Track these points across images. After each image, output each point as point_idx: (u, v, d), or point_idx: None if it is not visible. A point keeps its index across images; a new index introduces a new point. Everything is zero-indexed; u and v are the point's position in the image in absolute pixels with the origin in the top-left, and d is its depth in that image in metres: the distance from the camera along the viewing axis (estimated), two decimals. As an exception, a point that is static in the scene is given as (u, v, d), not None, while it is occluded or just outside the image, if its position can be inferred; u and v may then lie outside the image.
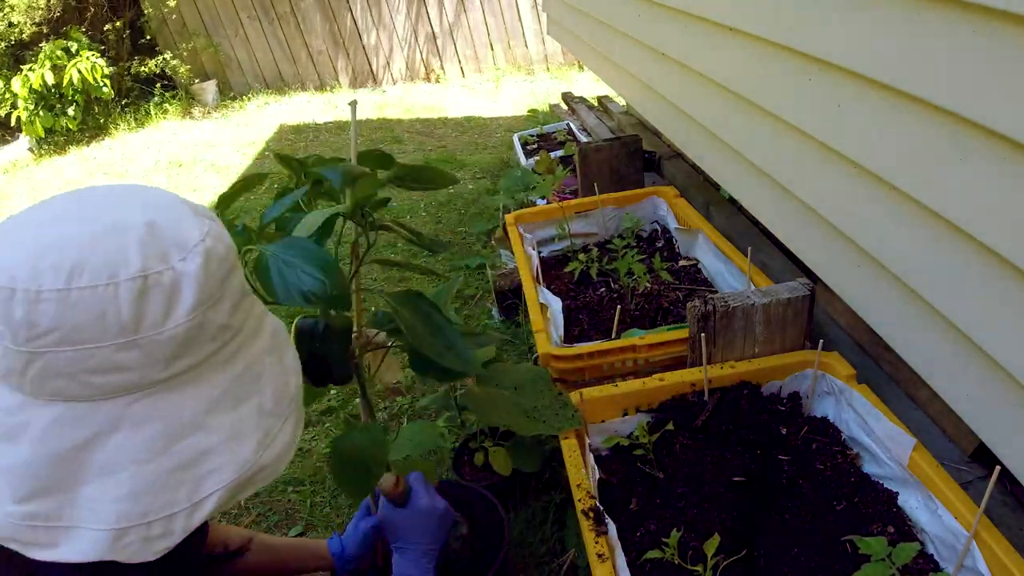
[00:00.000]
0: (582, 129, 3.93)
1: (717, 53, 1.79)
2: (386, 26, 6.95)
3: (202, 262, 0.61)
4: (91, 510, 0.59)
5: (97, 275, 0.56)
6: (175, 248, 0.61)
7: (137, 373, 0.59)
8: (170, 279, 0.59)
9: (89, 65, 5.97)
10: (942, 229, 1.07)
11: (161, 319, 0.59)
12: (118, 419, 0.59)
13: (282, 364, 0.72)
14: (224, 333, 0.64)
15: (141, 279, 0.58)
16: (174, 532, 0.61)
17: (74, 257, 0.57)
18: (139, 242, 0.59)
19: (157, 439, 0.60)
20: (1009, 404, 1.01)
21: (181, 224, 0.63)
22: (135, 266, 0.58)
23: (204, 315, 0.61)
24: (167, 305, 0.59)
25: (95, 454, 0.59)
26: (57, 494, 0.59)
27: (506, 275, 2.58)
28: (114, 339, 0.57)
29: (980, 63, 0.91)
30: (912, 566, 1.10)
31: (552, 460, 1.76)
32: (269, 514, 1.95)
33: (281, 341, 0.75)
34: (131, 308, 0.57)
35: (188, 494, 0.61)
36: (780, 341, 1.48)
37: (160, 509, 0.60)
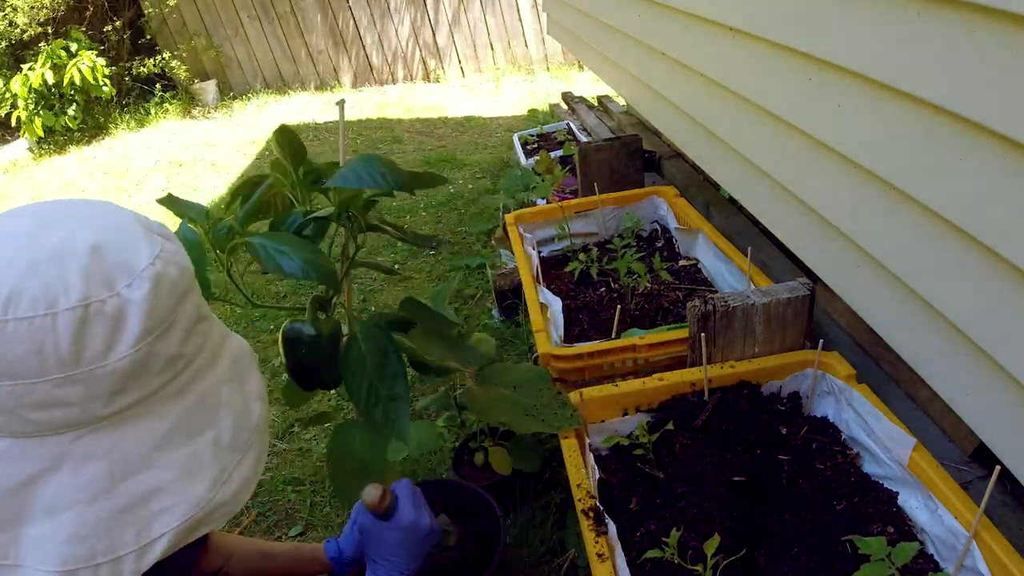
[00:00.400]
0: (582, 129, 3.93)
1: (717, 53, 1.79)
2: (386, 26, 6.95)
3: (150, 287, 0.57)
4: (37, 549, 0.55)
5: (35, 305, 0.52)
6: (121, 273, 0.56)
7: (78, 409, 0.55)
8: (114, 307, 0.55)
9: (89, 65, 5.97)
10: (942, 229, 1.07)
11: (103, 352, 0.55)
12: (61, 456, 0.56)
13: (243, 392, 0.68)
14: (175, 364, 0.60)
15: (82, 308, 0.54)
16: (123, 574, 0.57)
17: (11, 284, 0.53)
18: (81, 267, 0.55)
19: (101, 478, 0.56)
20: (1009, 404, 1.01)
21: (130, 246, 0.58)
22: (76, 294, 0.53)
23: (151, 346, 0.57)
24: (110, 336, 0.55)
25: (38, 493, 0.55)
26: (3, 532, 0.55)
27: (506, 275, 2.58)
28: (53, 374, 0.53)
29: (980, 63, 0.91)
30: (912, 566, 1.09)
31: (552, 460, 1.76)
32: (269, 514, 1.95)
33: (243, 366, 0.70)
34: (70, 340, 0.53)
35: (136, 536, 0.57)
36: (780, 341, 1.48)
37: (107, 551, 0.56)
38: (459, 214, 3.76)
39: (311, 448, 2.17)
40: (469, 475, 1.71)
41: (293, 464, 2.10)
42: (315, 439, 2.20)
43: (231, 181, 4.88)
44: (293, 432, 2.26)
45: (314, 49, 7.05)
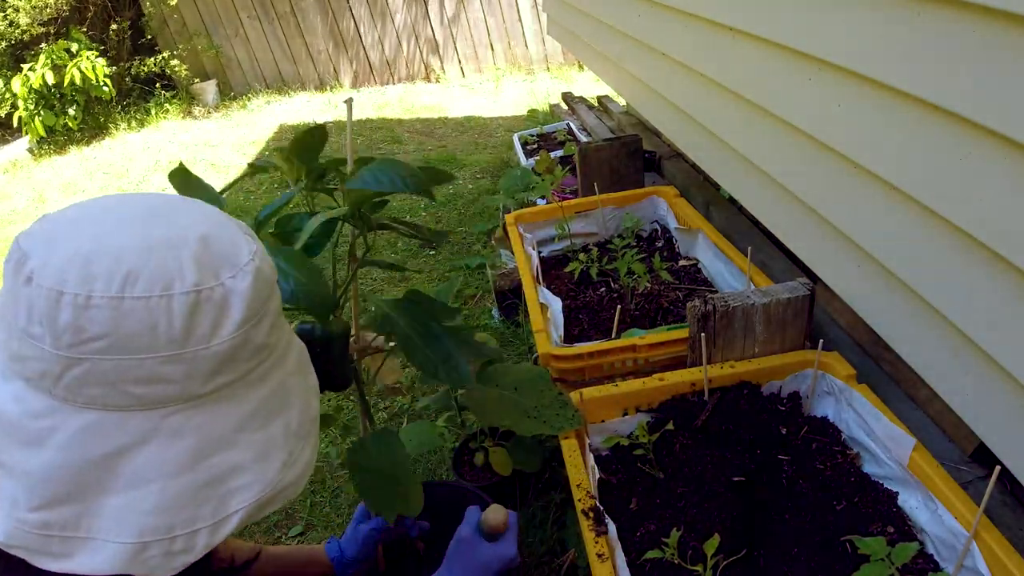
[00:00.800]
0: (582, 129, 3.93)
1: (717, 53, 1.79)
2: (386, 26, 6.95)
3: (252, 281, 0.61)
4: (115, 520, 0.57)
5: (151, 286, 0.56)
6: (227, 265, 0.61)
7: (179, 386, 0.58)
8: (220, 295, 0.59)
9: (89, 65, 5.97)
10: (942, 229, 1.07)
11: (209, 334, 0.58)
12: (151, 431, 0.58)
13: (306, 385, 0.72)
14: (262, 352, 0.64)
15: (195, 293, 0.57)
16: (195, 548, 0.60)
17: (129, 265, 0.56)
18: (193, 256, 0.59)
19: (188, 454, 0.59)
20: (1009, 404, 1.01)
21: (233, 241, 0.63)
22: (189, 280, 0.57)
23: (247, 333, 0.61)
24: (216, 321, 0.59)
25: (125, 465, 0.57)
26: (77, 503, 0.57)
27: (506, 275, 2.58)
28: (162, 351, 0.56)
29: (980, 63, 0.91)
30: (912, 566, 1.09)
31: (552, 460, 1.76)
32: (269, 514, 1.95)
33: (305, 363, 0.75)
34: (183, 321, 0.57)
35: (213, 510, 0.60)
36: (780, 341, 1.48)
37: (185, 524, 0.59)
38: (459, 214, 3.76)
39: (311, 448, 2.16)
40: (469, 475, 1.71)
41: (293, 464, 2.10)
42: (315, 439, 2.20)
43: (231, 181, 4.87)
44: (293, 432, 2.26)
45: (314, 49, 7.05)
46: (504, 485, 1.67)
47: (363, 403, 1.12)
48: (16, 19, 5.95)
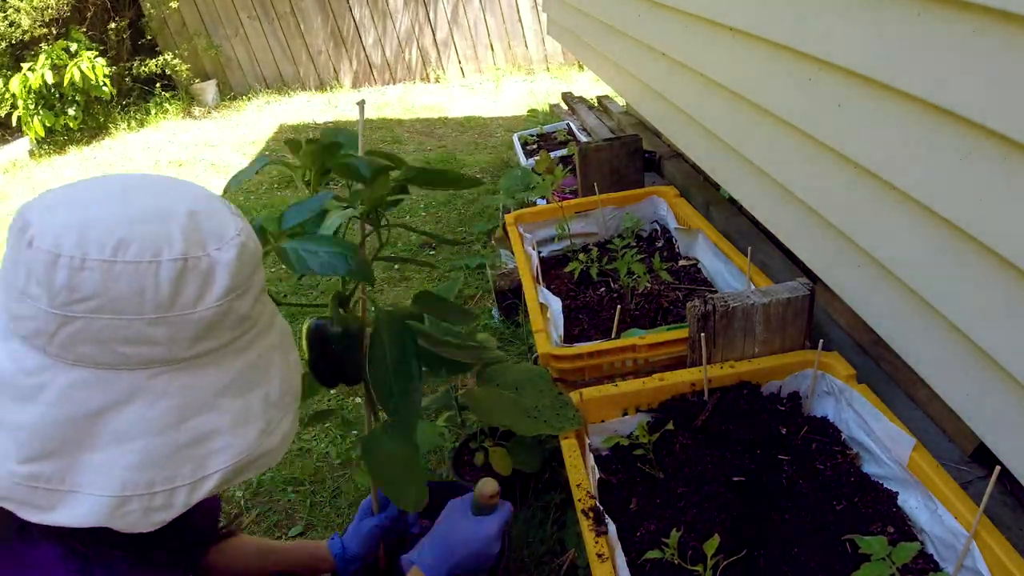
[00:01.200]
0: (582, 129, 3.93)
1: (717, 53, 1.79)
2: (386, 25, 6.95)
3: (236, 254, 0.65)
4: (99, 475, 0.60)
5: (142, 252, 0.60)
6: (213, 238, 0.64)
7: (164, 348, 0.62)
8: (207, 265, 0.63)
9: (89, 65, 5.97)
10: (942, 229, 1.07)
11: (194, 301, 0.62)
12: (138, 390, 0.61)
13: (288, 361, 0.75)
14: (245, 323, 0.68)
15: (182, 261, 0.61)
16: (174, 505, 0.63)
17: (121, 233, 0.60)
18: (182, 228, 0.63)
19: (171, 413, 0.62)
20: (1009, 404, 1.01)
21: (220, 217, 0.67)
22: (177, 249, 0.61)
23: (231, 303, 0.65)
24: (201, 289, 0.62)
25: (110, 422, 0.61)
26: (64, 457, 0.60)
27: (506, 275, 2.58)
28: (149, 313, 0.60)
29: (980, 63, 0.91)
30: (912, 566, 1.09)
31: (552, 460, 1.76)
32: (269, 514, 1.95)
33: (287, 341, 0.78)
34: (169, 287, 0.60)
35: (193, 470, 0.63)
36: (780, 341, 1.48)
37: (165, 481, 0.62)
38: (459, 214, 3.76)
39: (311, 448, 2.17)
40: (469, 475, 1.71)
41: (293, 464, 2.10)
42: (315, 439, 2.20)
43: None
44: (293, 432, 2.26)
45: (314, 49, 7.05)
46: (504, 485, 1.67)
47: (369, 399, 1.13)
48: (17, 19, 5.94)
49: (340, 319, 1.00)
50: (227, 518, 1.96)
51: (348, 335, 0.99)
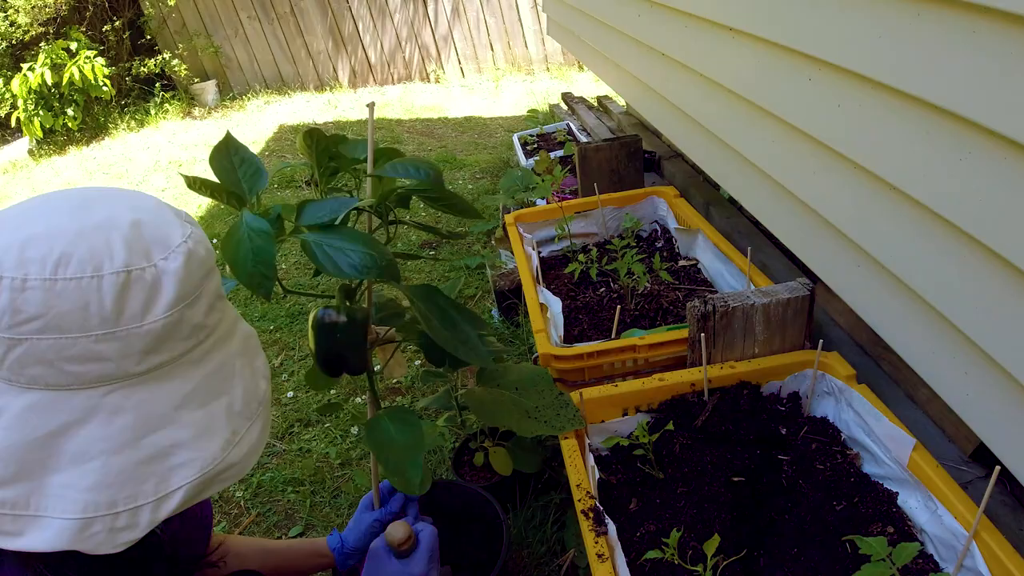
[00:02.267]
0: (582, 129, 3.93)
1: (717, 53, 1.79)
2: (386, 26, 6.95)
3: (183, 261, 0.63)
4: (60, 498, 0.59)
5: (83, 267, 0.58)
6: (158, 247, 0.63)
7: (114, 364, 0.60)
8: (152, 276, 0.61)
9: (89, 65, 5.96)
10: (941, 229, 1.07)
11: (141, 313, 0.60)
12: (92, 409, 0.60)
13: (252, 368, 0.74)
14: (199, 332, 0.66)
15: (124, 273, 0.60)
16: (139, 524, 0.61)
17: (61, 248, 0.58)
18: (124, 239, 0.61)
19: (128, 430, 0.61)
20: (1009, 404, 1.01)
21: (164, 225, 0.65)
22: (119, 260, 0.60)
23: (182, 313, 0.63)
24: (147, 300, 0.61)
25: (67, 443, 0.59)
26: (26, 481, 0.59)
27: (506, 275, 2.58)
28: (95, 329, 0.59)
29: (979, 63, 0.91)
30: (912, 566, 1.10)
31: (552, 460, 1.76)
32: (269, 514, 1.95)
33: (252, 346, 0.76)
34: (113, 301, 0.59)
35: (155, 487, 0.62)
36: (780, 341, 1.48)
37: (127, 500, 0.60)
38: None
39: (311, 448, 2.17)
40: (469, 475, 1.71)
41: (293, 464, 2.10)
42: (315, 439, 2.20)
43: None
44: (293, 432, 2.26)
45: (314, 49, 7.05)
46: (504, 485, 1.67)
47: (372, 391, 1.14)
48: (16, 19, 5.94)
49: (346, 309, 1.00)
50: (227, 519, 1.96)
51: (353, 324, 1.00)
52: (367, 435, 1.02)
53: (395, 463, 0.99)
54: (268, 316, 2.96)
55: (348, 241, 0.86)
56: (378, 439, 1.01)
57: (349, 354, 1.02)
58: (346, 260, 0.84)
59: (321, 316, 1.00)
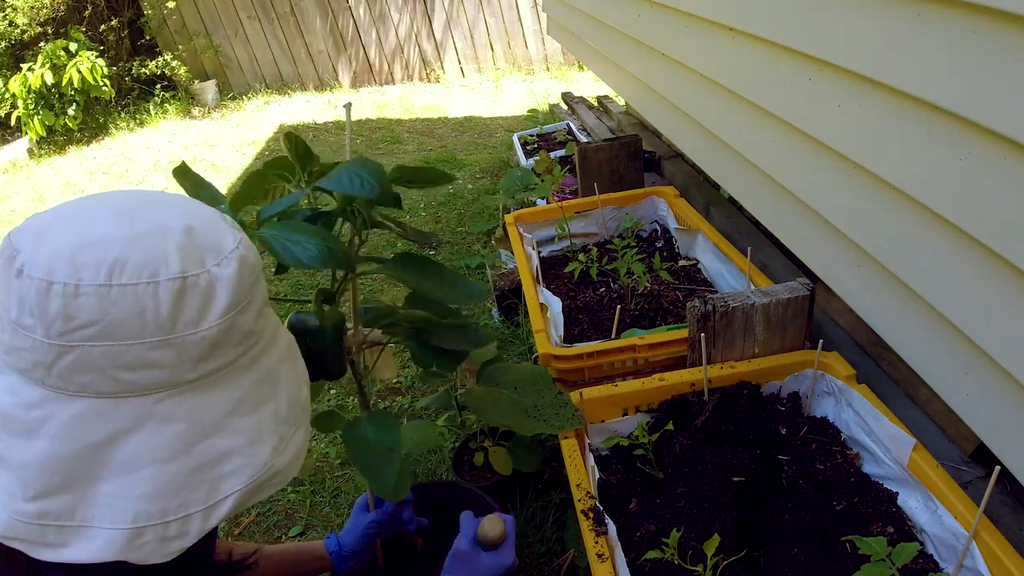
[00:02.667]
0: (582, 129, 3.93)
1: (717, 53, 1.79)
2: (386, 26, 6.95)
3: (236, 268, 0.63)
4: (109, 507, 0.58)
5: (138, 273, 0.58)
6: (212, 253, 0.62)
7: (168, 372, 0.59)
8: (206, 282, 0.61)
9: (89, 65, 5.96)
10: (941, 229, 1.07)
11: (196, 320, 0.60)
12: (143, 417, 0.59)
13: (295, 372, 0.74)
14: (249, 338, 0.66)
15: (180, 280, 0.59)
16: (190, 533, 0.61)
17: (115, 255, 0.58)
18: (178, 245, 0.60)
19: (180, 439, 0.60)
20: (1009, 404, 1.01)
21: (217, 231, 0.65)
22: (175, 267, 0.59)
23: (234, 319, 0.63)
24: (202, 306, 0.60)
25: (117, 451, 0.58)
26: (73, 491, 0.58)
27: (506, 275, 2.58)
28: (150, 336, 0.58)
29: (979, 63, 0.91)
30: (912, 566, 1.10)
31: (552, 460, 1.76)
32: (269, 514, 1.95)
33: (294, 351, 0.76)
34: (169, 307, 0.58)
35: (206, 495, 0.61)
36: (780, 341, 1.48)
37: (178, 509, 0.60)
38: (459, 214, 3.76)
39: (311, 448, 2.17)
40: (469, 475, 1.71)
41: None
42: (315, 439, 2.20)
43: (231, 181, 4.88)
44: (293, 432, 2.26)
45: (314, 49, 7.05)
46: (504, 485, 1.67)
47: (362, 395, 1.14)
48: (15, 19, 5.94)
49: (319, 314, 1.00)
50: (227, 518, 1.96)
51: (324, 330, 1.00)
52: (345, 438, 1.02)
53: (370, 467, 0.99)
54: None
55: (304, 235, 0.87)
56: (354, 442, 1.01)
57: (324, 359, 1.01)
58: (304, 252, 0.85)
59: (294, 322, 1.00)
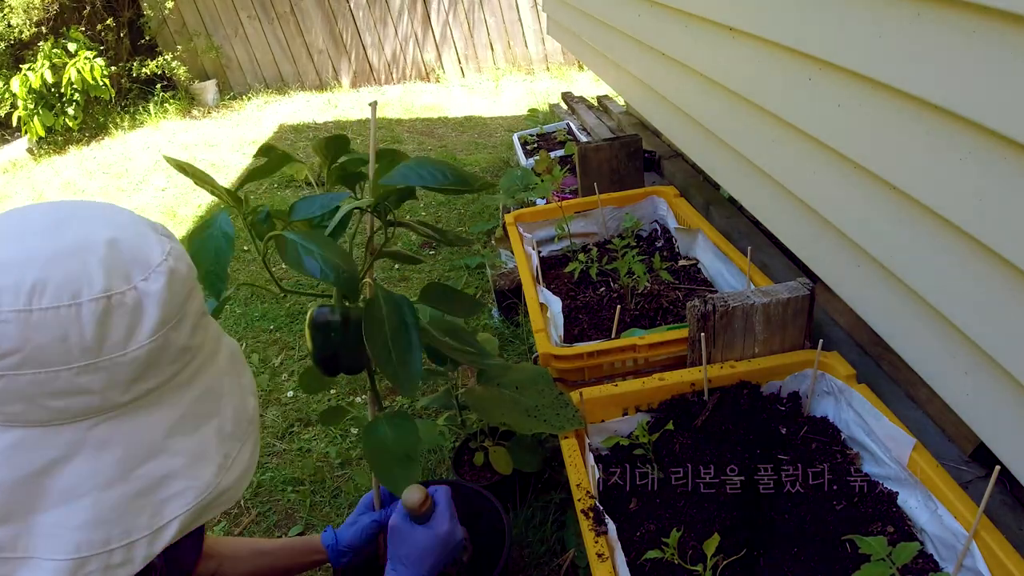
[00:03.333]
0: (582, 129, 3.93)
1: (717, 53, 1.79)
2: (386, 25, 6.95)
3: (165, 282, 0.60)
4: (51, 538, 0.56)
5: (59, 295, 0.54)
6: (138, 267, 0.59)
7: (99, 396, 0.57)
8: (133, 299, 0.58)
9: (88, 65, 5.96)
10: (942, 229, 1.07)
11: (124, 340, 0.57)
12: (78, 444, 0.57)
13: (240, 385, 0.71)
14: (185, 354, 0.63)
15: (105, 299, 0.56)
16: (135, 560, 0.59)
17: (35, 276, 0.54)
18: (101, 261, 0.57)
19: (118, 464, 0.58)
20: (1009, 404, 1.01)
21: (143, 243, 0.61)
22: (98, 286, 0.56)
23: (166, 336, 0.60)
24: (130, 326, 0.57)
25: (55, 480, 0.56)
26: (14, 522, 0.56)
27: (506, 275, 2.58)
28: (77, 361, 0.55)
29: (979, 63, 0.91)
30: (912, 566, 1.10)
31: (552, 460, 1.76)
32: (269, 514, 1.95)
33: (238, 362, 0.73)
34: (94, 329, 0.55)
35: (149, 520, 0.59)
36: (780, 341, 1.48)
37: (121, 536, 0.58)
38: (459, 214, 3.76)
39: (311, 448, 2.17)
40: (469, 475, 1.71)
41: (293, 464, 2.10)
42: (315, 439, 2.20)
43: (231, 180, 4.88)
44: (293, 432, 2.26)
45: (314, 49, 7.05)
46: (504, 485, 1.67)
47: (374, 392, 1.14)
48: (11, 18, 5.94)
49: (341, 308, 1.00)
50: (227, 518, 1.96)
51: (348, 323, 1.00)
52: (364, 438, 1.02)
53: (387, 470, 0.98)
54: (268, 316, 2.96)
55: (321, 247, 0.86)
56: (373, 443, 1.01)
57: (344, 353, 1.02)
58: (310, 262, 0.85)
59: (316, 315, 1.00)
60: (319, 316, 1.00)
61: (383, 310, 0.96)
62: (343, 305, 1.01)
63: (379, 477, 1.01)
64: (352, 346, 1.01)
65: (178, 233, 3.94)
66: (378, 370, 0.98)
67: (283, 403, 2.40)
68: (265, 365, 2.64)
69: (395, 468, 0.98)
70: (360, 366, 1.06)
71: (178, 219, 4.33)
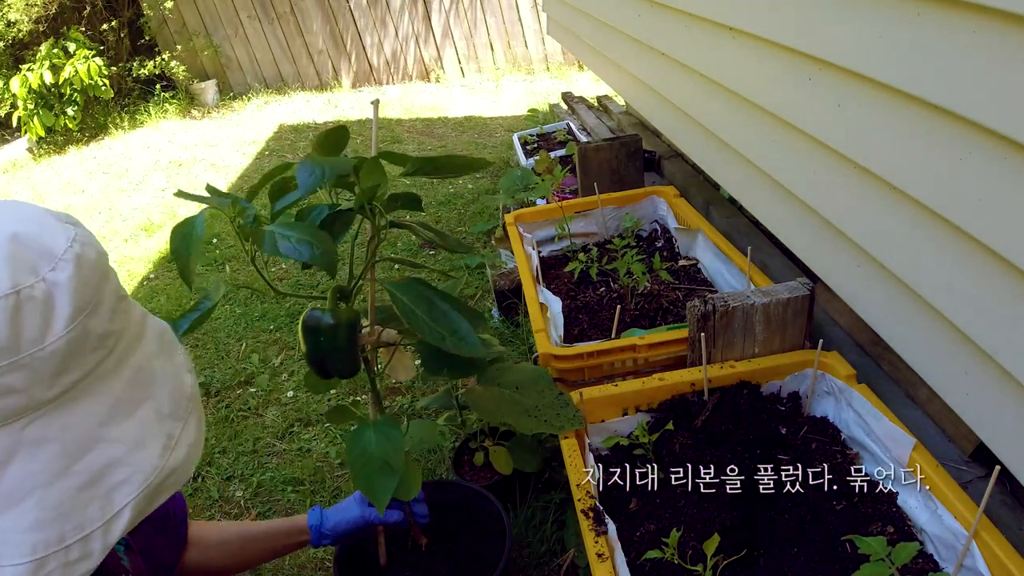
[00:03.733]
0: (582, 129, 3.93)
1: (717, 53, 1.79)
2: (386, 26, 6.95)
3: (73, 270, 0.58)
4: (6, 544, 0.55)
5: None
6: (44, 258, 0.57)
7: (25, 395, 0.55)
8: (42, 291, 0.56)
9: (87, 65, 5.96)
10: (942, 229, 1.07)
11: (40, 335, 0.55)
12: (13, 445, 0.56)
13: (173, 364, 0.70)
14: (107, 340, 0.61)
15: (13, 295, 0.54)
16: (93, 552, 0.58)
17: None
18: (6, 256, 0.55)
19: (57, 459, 0.57)
20: (1009, 404, 1.01)
21: (45, 233, 0.59)
22: (5, 283, 0.54)
23: (84, 324, 0.58)
24: (44, 319, 0.56)
25: None
26: None
27: (506, 275, 2.57)
28: None
29: (979, 63, 0.91)
30: (912, 566, 1.10)
31: (552, 460, 1.76)
32: (269, 514, 1.95)
33: (167, 342, 0.72)
34: (8, 327, 0.54)
35: (100, 511, 0.58)
36: (780, 341, 1.48)
37: (75, 531, 0.57)
38: (459, 214, 3.76)
39: (311, 448, 2.17)
40: (469, 475, 1.71)
41: (293, 464, 2.10)
42: (315, 439, 2.20)
43: (231, 180, 4.88)
44: (293, 432, 2.26)
45: (314, 49, 7.05)
46: (504, 485, 1.67)
47: (375, 394, 1.14)
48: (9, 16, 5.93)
49: (333, 311, 1.00)
50: (227, 518, 1.96)
51: (337, 327, 0.99)
52: (348, 443, 1.02)
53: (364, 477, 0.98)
54: (268, 316, 2.96)
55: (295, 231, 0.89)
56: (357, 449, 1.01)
57: (336, 357, 1.01)
58: (285, 244, 0.87)
59: (307, 319, 1.00)
60: (309, 319, 1.00)
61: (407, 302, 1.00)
62: (336, 308, 1.01)
63: (357, 484, 1.00)
64: (342, 350, 1.01)
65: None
66: (444, 346, 1.00)
67: (283, 403, 2.40)
68: (265, 365, 2.64)
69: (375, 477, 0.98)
70: (353, 370, 1.05)
71: (178, 219, 4.30)
